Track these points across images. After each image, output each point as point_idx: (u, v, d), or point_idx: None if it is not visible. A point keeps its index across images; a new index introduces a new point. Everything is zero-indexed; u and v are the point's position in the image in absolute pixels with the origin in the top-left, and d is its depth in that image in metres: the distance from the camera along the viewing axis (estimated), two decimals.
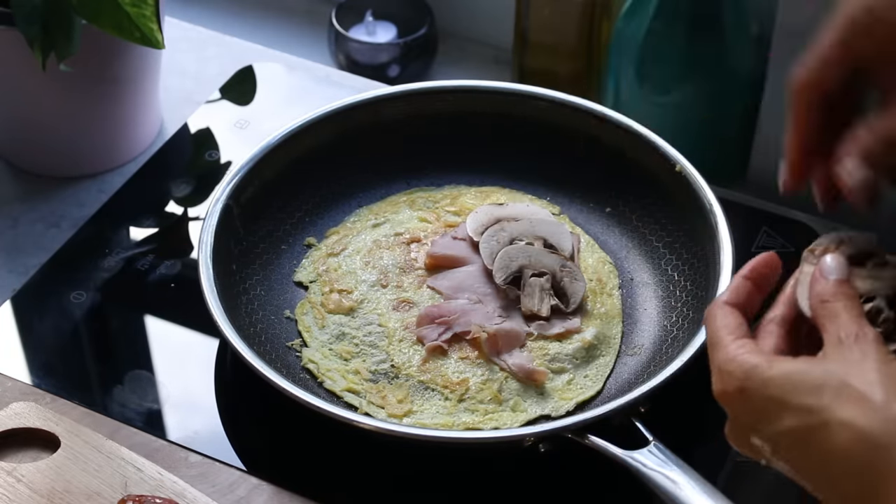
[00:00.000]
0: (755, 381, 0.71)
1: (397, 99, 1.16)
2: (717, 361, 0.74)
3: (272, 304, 1.07)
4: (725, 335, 0.75)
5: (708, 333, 0.77)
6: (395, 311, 1.05)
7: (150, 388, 1.04)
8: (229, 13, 1.51)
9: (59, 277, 1.12)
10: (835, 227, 1.16)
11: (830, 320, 0.73)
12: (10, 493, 0.91)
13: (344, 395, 1.00)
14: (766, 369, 0.71)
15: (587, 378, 1.01)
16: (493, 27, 1.42)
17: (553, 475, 0.96)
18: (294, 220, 1.13)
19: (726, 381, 0.73)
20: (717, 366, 0.74)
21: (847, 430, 0.67)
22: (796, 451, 0.70)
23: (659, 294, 1.07)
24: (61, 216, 1.18)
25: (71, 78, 1.11)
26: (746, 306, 0.78)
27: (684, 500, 0.85)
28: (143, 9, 1.06)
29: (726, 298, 0.78)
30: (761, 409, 0.71)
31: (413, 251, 1.09)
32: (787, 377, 0.70)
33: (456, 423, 0.97)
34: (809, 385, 0.69)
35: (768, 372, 0.71)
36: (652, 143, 1.10)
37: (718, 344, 0.75)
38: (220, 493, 0.95)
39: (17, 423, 0.96)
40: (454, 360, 1.01)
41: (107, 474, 0.93)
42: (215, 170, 1.22)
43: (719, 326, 0.76)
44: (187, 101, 1.29)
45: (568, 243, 1.07)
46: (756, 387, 0.71)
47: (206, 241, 1.03)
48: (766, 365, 0.71)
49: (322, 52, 1.44)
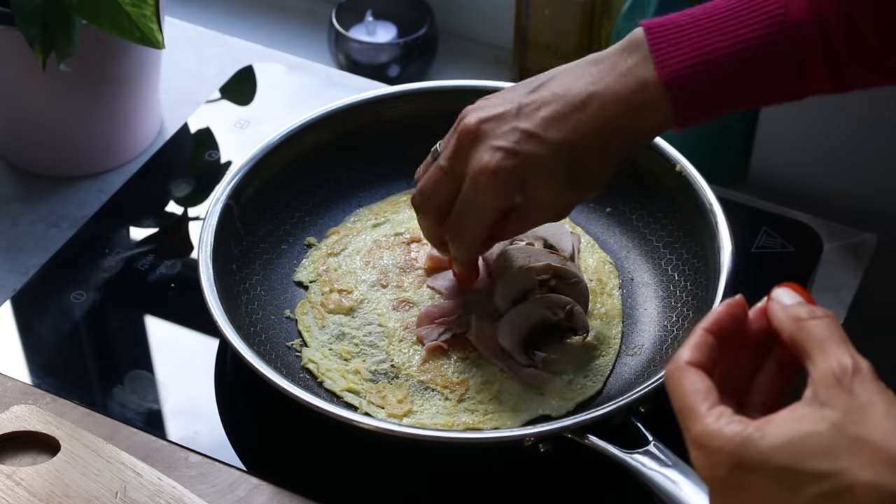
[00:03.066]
0: (753, 455, 0.63)
1: (397, 99, 1.16)
2: (694, 435, 0.66)
3: (272, 304, 1.07)
4: (698, 403, 0.66)
5: (675, 401, 0.68)
6: (395, 311, 1.05)
7: (150, 388, 1.04)
8: (229, 13, 1.51)
9: (59, 277, 1.12)
10: (834, 227, 1.16)
11: (816, 345, 0.66)
12: (10, 497, 0.91)
13: (344, 395, 1.00)
14: (760, 439, 0.63)
15: (587, 378, 1.01)
16: (493, 27, 1.42)
17: (553, 475, 0.96)
18: (294, 220, 1.13)
19: (715, 460, 0.65)
20: (697, 441, 0.66)
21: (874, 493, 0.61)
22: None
23: (659, 294, 1.07)
24: (61, 216, 1.18)
25: (71, 78, 1.11)
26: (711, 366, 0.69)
27: (684, 500, 0.85)
28: (143, 9, 1.06)
29: (689, 359, 0.69)
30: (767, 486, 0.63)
31: (413, 251, 1.09)
32: (789, 443, 0.63)
33: (456, 424, 0.97)
34: (819, 447, 0.62)
35: (765, 441, 0.63)
36: (652, 143, 1.10)
37: (691, 414, 0.67)
38: (220, 494, 0.95)
39: (17, 426, 0.96)
40: (454, 360, 1.01)
41: (106, 479, 0.93)
42: (215, 170, 1.22)
43: (688, 393, 0.67)
44: (187, 101, 1.29)
45: (568, 243, 1.07)
46: (756, 461, 0.63)
47: (206, 241, 1.04)
48: (759, 434, 0.64)
49: (322, 52, 1.44)
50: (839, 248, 1.14)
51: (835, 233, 1.15)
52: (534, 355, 1.00)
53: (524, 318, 1.01)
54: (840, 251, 1.14)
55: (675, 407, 0.68)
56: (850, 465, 0.61)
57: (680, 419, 0.68)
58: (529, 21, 1.33)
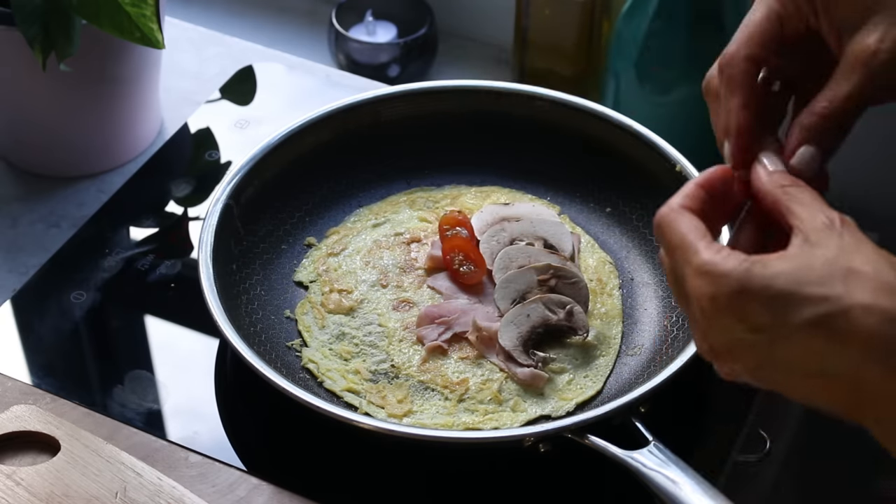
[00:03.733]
0: (756, 280, 0.66)
1: (397, 99, 1.16)
2: (698, 264, 0.68)
3: (272, 304, 1.07)
4: (697, 240, 0.69)
5: (671, 238, 0.70)
6: (395, 311, 1.05)
7: (150, 388, 1.04)
8: (229, 13, 1.51)
9: (59, 277, 1.12)
10: None
11: (802, 205, 0.69)
12: (10, 497, 0.91)
13: (344, 395, 1.00)
14: (763, 268, 0.66)
15: (587, 378, 1.01)
16: (493, 27, 1.42)
17: (553, 475, 0.96)
18: (294, 220, 1.13)
19: (720, 284, 0.67)
20: (701, 269, 0.68)
21: (872, 314, 0.63)
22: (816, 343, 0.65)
23: (659, 294, 1.07)
24: (61, 216, 1.18)
25: (71, 78, 1.11)
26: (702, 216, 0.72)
27: (684, 500, 0.85)
28: (143, 9, 1.06)
29: (683, 203, 0.72)
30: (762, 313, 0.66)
31: (413, 251, 1.09)
32: (789, 272, 0.65)
33: (456, 423, 0.97)
34: (816, 276, 0.65)
35: (767, 270, 0.66)
36: (652, 143, 1.10)
37: (690, 249, 0.69)
38: (220, 494, 0.95)
39: (17, 426, 0.96)
40: (454, 360, 1.01)
41: (106, 479, 0.93)
42: (215, 170, 1.22)
43: (685, 231, 0.70)
44: (187, 101, 1.29)
45: (568, 243, 1.07)
46: (759, 285, 0.66)
47: (206, 241, 1.04)
48: (762, 263, 0.66)
49: (322, 52, 1.44)
50: None
51: None
52: (534, 355, 1.00)
53: (524, 317, 1.01)
54: None
55: (670, 245, 0.70)
56: (845, 290, 0.64)
57: (674, 256, 0.70)
58: (529, 21, 1.33)
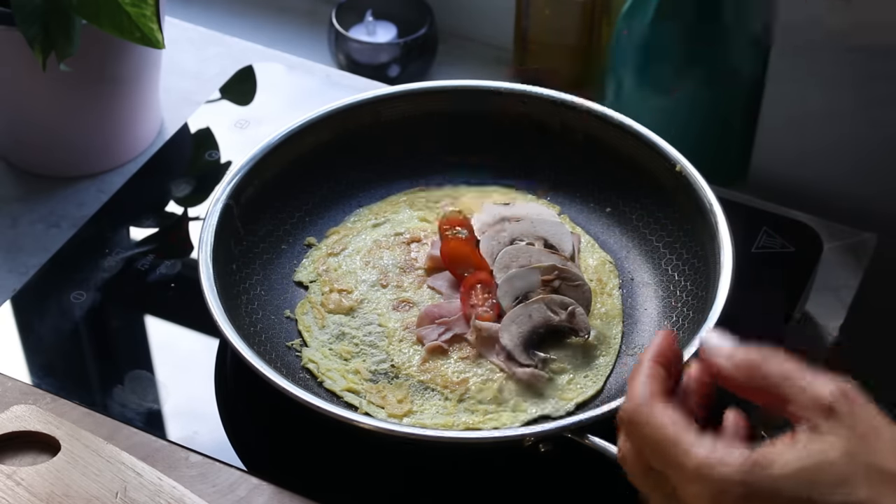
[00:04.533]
0: (764, 483, 0.59)
1: (397, 99, 1.16)
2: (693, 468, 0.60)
3: (272, 304, 1.07)
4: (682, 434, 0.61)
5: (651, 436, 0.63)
6: (395, 311, 1.05)
7: (150, 388, 1.04)
8: (229, 13, 1.51)
9: (59, 277, 1.12)
10: (834, 227, 1.16)
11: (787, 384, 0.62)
12: (10, 497, 0.91)
13: (344, 395, 1.00)
14: (767, 466, 0.59)
15: (587, 378, 1.01)
16: (493, 27, 1.42)
17: (553, 475, 0.96)
18: (294, 220, 1.13)
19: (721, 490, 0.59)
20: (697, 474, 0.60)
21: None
22: None
23: (659, 294, 1.07)
24: (61, 216, 1.18)
25: (71, 78, 1.11)
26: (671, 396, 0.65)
27: None
28: (143, 9, 1.06)
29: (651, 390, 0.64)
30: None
31: (413, 251, 1.09)
32: (801, 472, 0.59)
33: (456, 423, 0.97)
34: (834, 477, 0.59)
35: (773, 470, 0.59)
36: (652, 142, 1.10)
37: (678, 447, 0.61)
38: (220, 494, 0.95)
39: (17, 426, 0.96)
40: (454, 360, 1.01)
41: (106, 479, 0.93)
42: (215, 170, 1.22)
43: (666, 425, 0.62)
44: (187, 101, 1.29)
45: (568, 243, 1.07)
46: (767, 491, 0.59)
47: (206, 241, 1.03)
48: (765, 461, 0.60)
49: (322, 52, 1.44)
50: (839, 248, 1.14)
51: (835, 233, 1.15)
52: (534, 355, 1.00)
53: (526, 318, 1.01)
54: (840, 251, 1.14)
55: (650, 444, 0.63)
56: (870, 495, 0.58)
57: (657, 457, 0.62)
58: (529, 21, 1.33)
